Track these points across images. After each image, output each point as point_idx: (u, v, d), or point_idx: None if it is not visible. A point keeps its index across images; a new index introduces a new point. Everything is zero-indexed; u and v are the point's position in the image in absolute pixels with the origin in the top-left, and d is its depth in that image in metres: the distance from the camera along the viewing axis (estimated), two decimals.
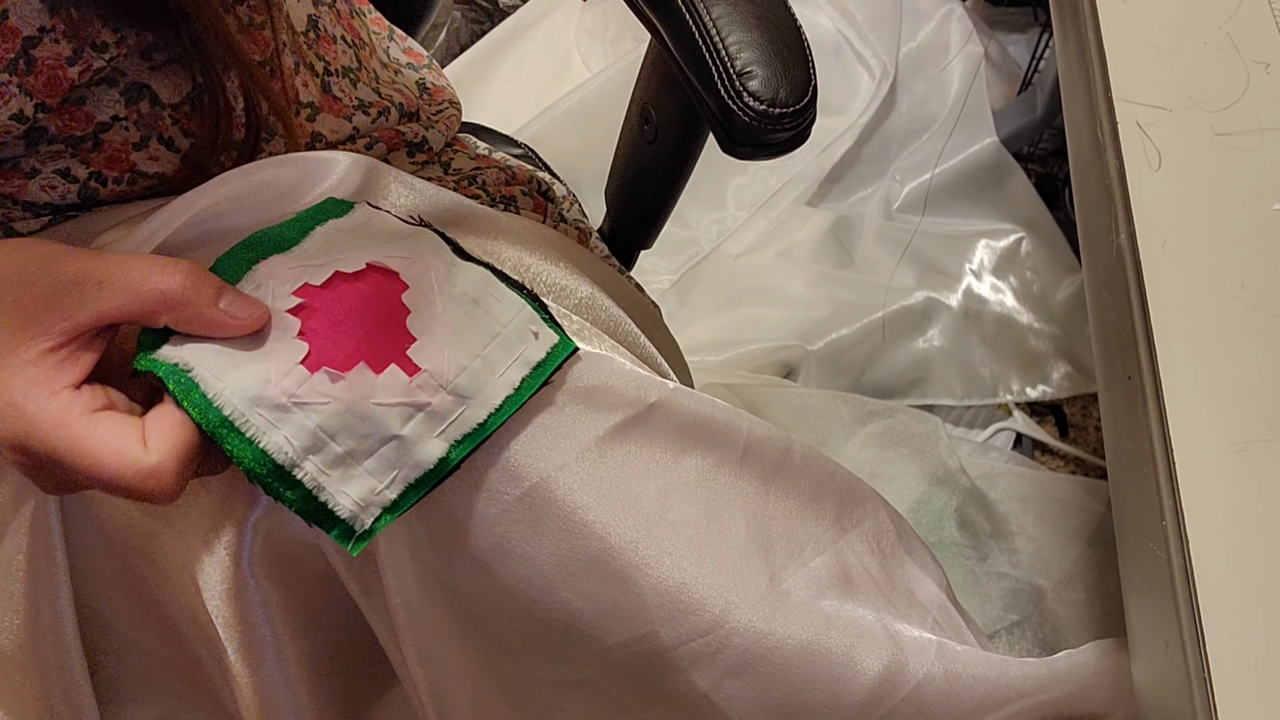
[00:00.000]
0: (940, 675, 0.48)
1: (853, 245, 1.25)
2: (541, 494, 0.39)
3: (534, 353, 0.38)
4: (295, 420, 0.35)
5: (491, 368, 0.37)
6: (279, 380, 0.35)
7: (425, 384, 0.36)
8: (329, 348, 0.36)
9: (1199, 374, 0.42)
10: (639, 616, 0.42)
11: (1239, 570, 0.37)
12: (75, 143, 0.43)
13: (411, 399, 0.36)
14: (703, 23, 0.51)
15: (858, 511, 0.53)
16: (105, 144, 0.44)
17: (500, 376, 0.37)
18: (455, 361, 0.36)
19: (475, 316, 0.38)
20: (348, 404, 0.35)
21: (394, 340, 0.36)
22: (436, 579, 0.41)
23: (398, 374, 0.36)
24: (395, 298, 0.37)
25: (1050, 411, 1.17)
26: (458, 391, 0.36)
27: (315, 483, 0.35)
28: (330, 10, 0.54)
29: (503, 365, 0.38)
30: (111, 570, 0.43)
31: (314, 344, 0.36)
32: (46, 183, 0.44)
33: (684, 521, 0.43)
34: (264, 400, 0.35)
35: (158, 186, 0.47)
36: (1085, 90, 0.54)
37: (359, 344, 0.36)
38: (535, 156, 0.78)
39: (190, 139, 0.46)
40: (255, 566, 0.41)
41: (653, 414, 0.43)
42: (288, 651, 0.43)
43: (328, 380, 0.35)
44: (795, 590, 0.46)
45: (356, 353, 0.36)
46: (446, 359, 0.36)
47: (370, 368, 0.36)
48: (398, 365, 0.36)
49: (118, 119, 0.44)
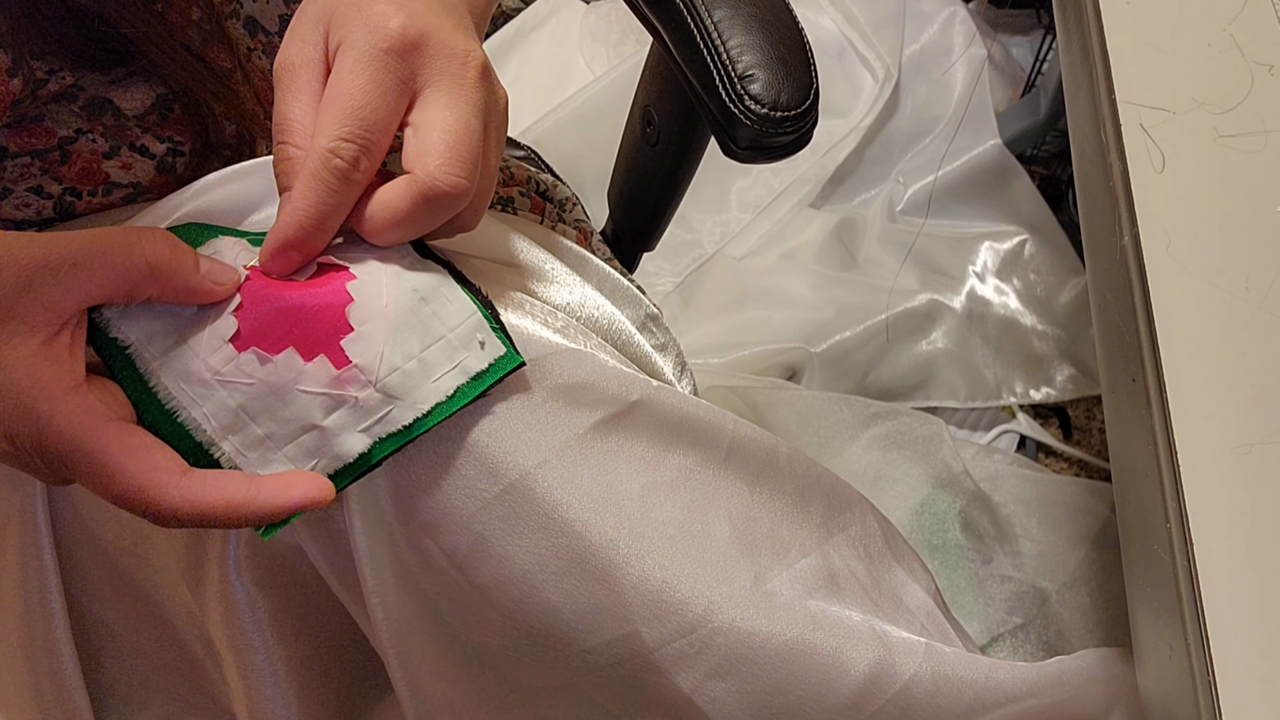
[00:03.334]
0: (928, 676, 0.48)
1: (856, 247, 1.25)
2: (521, 491, 0.39)
3: (476, 362, 0.37)
4: (217, 398, 0.35)
5: (427, 371, 0.36)
6: (206, 356, 0.35)
7: (354, 378, 0.35)
8: (261, 329, 0.35)
9: (1203, 376, 0.42)
10: (620, 617, 0.41)
11: (1243, 573, 0.37)
12: (41, 155, 0.43)
13: (337, 390, 0.35)
14: (704, 26, 0.51)
15: (844, 515, 0.53)
16: (74, 155, 0.43)
17: (435, 381, 0.36)
18: (389, 360, 0.35)
19: (421, 316, 0.36)
20: (272, 387, 0.35)
21: (329, 329, 0.35)
22: (414, 579, 0.40)
23: (326, 365, 0.35)
24: (340, 285, 0.36)
25: (1054, 414, 1.17)
26: (386, 390, 0.35)
27: (232, 463, 0.35)
28: None
29: (440, 370, 0.36)
30: (106, 574, 0.43)
31: (244, 323, 0.35)
32: (20, 201, 0.44)
33: (666, 520, 0.42)
34: (190, 375, 0.34)
35: (135, 195, 0.46)
36: (1089, 92, 0.54)
37: (292, 328, 0.35)
38: (538, 158, 0.78)
39: (166, 144, 0.45)
40: (242, 570, 0.40)
41: (635, 412, 0.43)
42: (277, 655, 0.43)
43: (255, 361, 0.35)
44: (780, 590, 0.46)
45: (287, 337, 0.35)
46: (380, 355, 0.35)
47: (299, 354, 0.35)
48: (327, 356, 0.35)
49: (82, 132, 0.43)
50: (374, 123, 0.34)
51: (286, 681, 0.43)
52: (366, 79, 0.34)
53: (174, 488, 0.32)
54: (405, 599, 0.40)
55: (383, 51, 0.35)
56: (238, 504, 0.33)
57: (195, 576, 0.41)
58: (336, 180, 0.34)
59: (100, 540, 0.41)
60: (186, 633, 0.45)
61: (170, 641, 0.46)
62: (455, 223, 0.38)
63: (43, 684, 0.45)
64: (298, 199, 0.34)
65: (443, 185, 0.34)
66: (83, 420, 0.32)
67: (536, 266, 0.49)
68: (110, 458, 0.32)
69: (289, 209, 0.35)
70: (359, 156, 0.34)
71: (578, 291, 0.50)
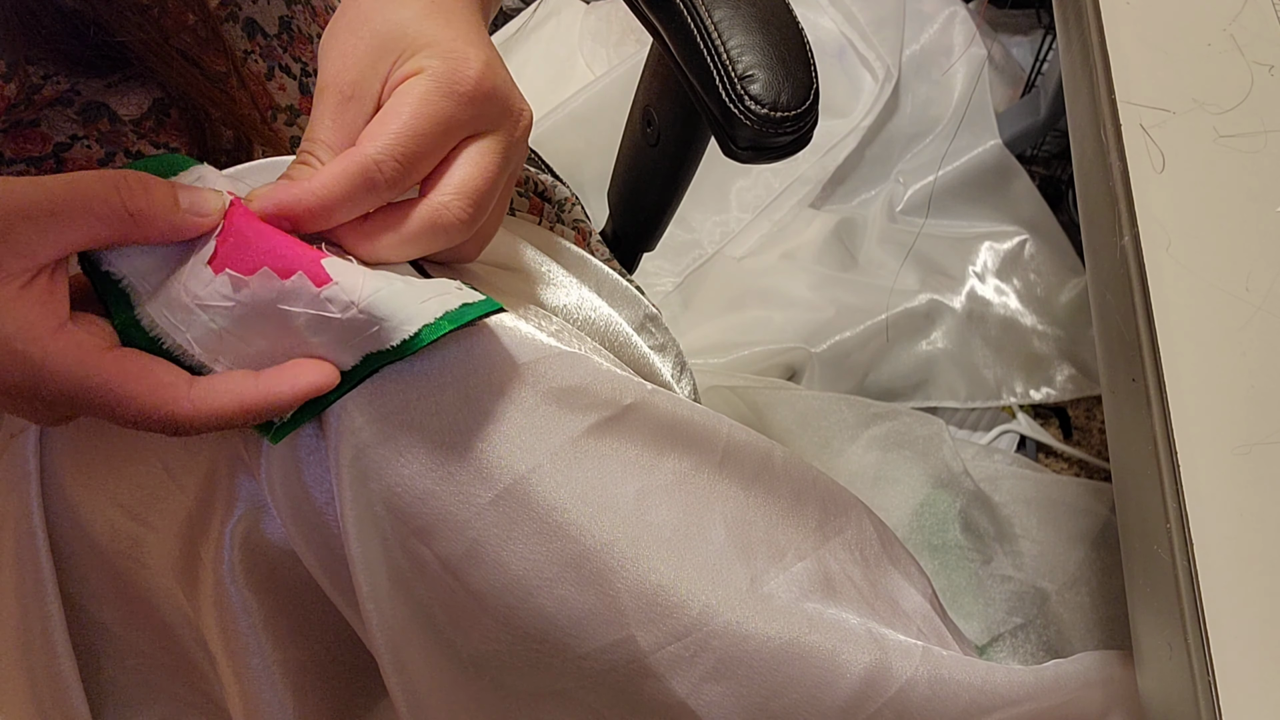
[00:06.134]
0: (925, 680, 0.48)
1: (856, 248, 1.25)
2: (515, 496, 0.38)
3: (454, 299, 0.35)
4: (200, 322, 0.34)
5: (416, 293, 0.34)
6: (186, 281, 0.34)
7: (335, 297, 0.33)
8: (236, 251, 0.34)
9: (1203, 376, 0.42)
10: (615, 620, 0.41)
11: (1243, 573, 0.37)
12: (36, 163, 0.42)
13: (319, 310, 0.34)
14: (704, 26, 0.51)
15: (841, 519, 0.52)
16: (68, 163, 0.43)
17: (421, 304, 0.34)
18: (371, 281, 0.34)
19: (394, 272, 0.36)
20: (252, 308, 0.34)
21: (307, 252, 0.34)
22: (408, 584, 0.40)
23: (305, 282, 0.33)
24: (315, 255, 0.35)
25: (1054, 414, 1.17)
26: (370, 310, 0.34)
27: None
28: (305, 9, 0.53)
29: (423, 296, 0.35)
30: (102, 575, 0.43)
31: (221, 246, 0.34)
32: None
33: (662, 524, 0.42)
34: (172, 302, 0.34)
35: None
36: (1089, 92, 0.54)
37: (268, 250, 0.34)
38: (538, 158, 0.78)
39: (162, 149, 0.45)
40: (236, 574, 0.40)
41: (629, 415, 0.43)
42: (272, 659, 0.43)
43: (229, 283, 0.34)
44: (777, 592, 0.45)
45: (263, 258, 0.34)
46: (361, 275, 0.34)
47: (275, 273, 0.34)
48: (305, 273, 0.34)
49: (77, 138, 0.43)
50: (423, 155, 0.35)
51: (282, 685, 0.43)
52: (436, 112, 0.35)
53: (185, 400, 0.33)
54: (399, 604, 0.40)
55: (459, 94, 0.35)
56: (249, 401, 0.33)
57: (190, 580, 0.41)
58: (365, 186, 0.34)
59: (96, 542, 0.41)
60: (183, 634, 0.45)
61: (168, 643, 0.46)
62: (457, 251, 0.39)
63: (40, 685, 0.45)
64: (325, 177, 0.34)
65: (449, 217, 0.35)
66: (78, 357, 0.32)
67: (533, 269, 0.49)
68: (115, 386, 0.32)
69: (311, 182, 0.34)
70: (397, 180, 0.35)
71: (574, 293, 0.50)
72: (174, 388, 0.33)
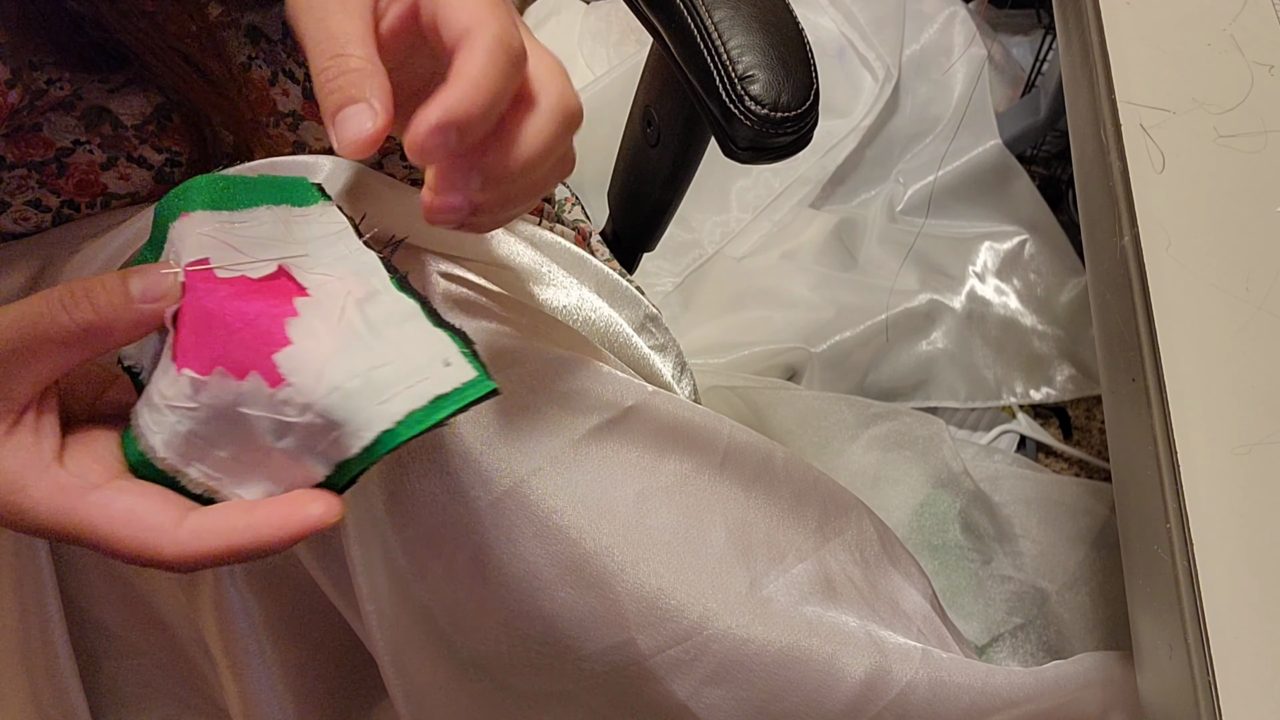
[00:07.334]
0: (925, 682, 0.48)
1: (856, 248, 1.25)
2: (516, 499, 0.38)
3: (435, 385, 0.31)
4: (168, 424, 0.32)
5: (375, 391, 0.31)
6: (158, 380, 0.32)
7: (290, 399, 0.31)
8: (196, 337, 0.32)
9: (1203, 376, 0.42)
10: (616, 624, 0.41)
11: (1243, 573, 0.37)
12: (38, 167, 0.42)
13: (277, 415, 0.31)
14: (704, 26, 0.51)
15: (841, 520, 0.52)
16: (71, 167, 0.43)
17: (382, 404, 0.31)
18: (329, 378, 0.31)
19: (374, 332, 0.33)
20: (214, 410, 0.32)
21: (261, 342, 0.31)
22: (409, 586, 0.40)
23: (260, 384, 0.31)
24: (287, 299, 0.32)
25: (1054, 414, 1.17)
26: (327, 414, 0.31)
27: (205, 488, 0.33)
28: None
29: (389, 391, 0.31)
30: (102, 576, 0.43)
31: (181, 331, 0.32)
32: (19, 215, 0.43)
33: (662, 526, 0.42)
34: (149, 400, 0.32)
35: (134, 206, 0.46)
36: (1089, 92, 0.54)
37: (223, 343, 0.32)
38: None
39: (164, 154, 0.45)
40: (236, 575, 0.40)
41: (630, 417, 0.43)
42: (272, 660, 0.43)
43: (189, 385, 0.31)
44: (776, 596, 0.45)
45: (217, 354, 0.31)
46: (319, 373, 0.31)
47: (230, 373, 0.31)
48: (260, 373, 0.31)
49: (80, 143, 0.43)
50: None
51: (282, 686, 0.43)
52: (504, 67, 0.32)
53: (170, 544, 0.31)
54: (400, 605, 0.40)
55: None
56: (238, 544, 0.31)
57: (190, 581, 0.41)
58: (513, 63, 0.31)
59: None
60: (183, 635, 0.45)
61: (168, 643, 0.46)
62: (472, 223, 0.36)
63: (40, 685, 0.45)
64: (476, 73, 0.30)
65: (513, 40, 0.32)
66: (60, 504, 0.31)
67: (532, 269, 0.49)
68: (98, 531, 0.31)
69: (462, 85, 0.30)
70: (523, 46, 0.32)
71: (574, 294, 0.50)
72: (158, 530, 0.31)
